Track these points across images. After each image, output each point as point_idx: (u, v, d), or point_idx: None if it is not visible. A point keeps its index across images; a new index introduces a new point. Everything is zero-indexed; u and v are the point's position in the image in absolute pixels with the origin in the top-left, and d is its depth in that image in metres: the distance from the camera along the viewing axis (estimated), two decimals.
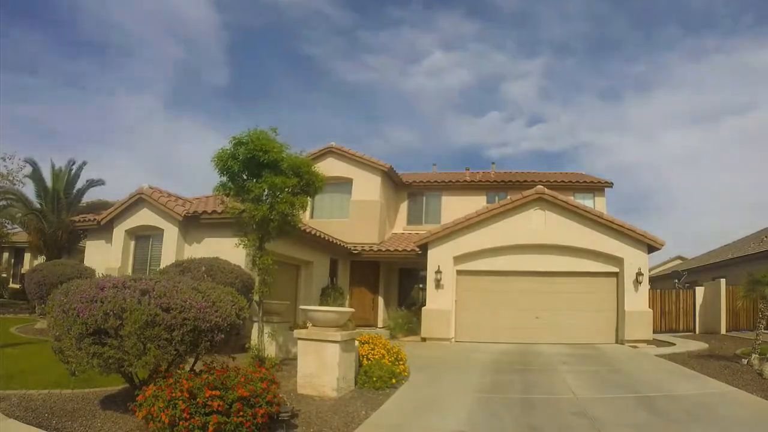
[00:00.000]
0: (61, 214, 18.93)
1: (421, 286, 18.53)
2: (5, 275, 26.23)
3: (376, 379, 7.99)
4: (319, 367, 7.47)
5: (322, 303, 15.40)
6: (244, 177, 9.69)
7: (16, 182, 21.94)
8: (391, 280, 19.86)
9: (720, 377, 9.04)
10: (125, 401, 5.93)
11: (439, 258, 15.26)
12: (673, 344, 14.02)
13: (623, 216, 14.69)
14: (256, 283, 10.42)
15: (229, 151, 9.41)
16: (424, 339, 14.74)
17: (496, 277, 15.07)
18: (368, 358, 8.49)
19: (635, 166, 51.35)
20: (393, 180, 20.22)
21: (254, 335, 9.88)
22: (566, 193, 18.07)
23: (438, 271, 15.10)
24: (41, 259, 20.41)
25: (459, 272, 15.31)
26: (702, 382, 8.76)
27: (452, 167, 28.06)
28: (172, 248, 12.79)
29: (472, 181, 21.04)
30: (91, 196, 21.16)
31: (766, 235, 21.69)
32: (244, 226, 10.11)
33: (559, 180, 20.41)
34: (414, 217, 21.06)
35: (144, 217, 13.53)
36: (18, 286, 23.72)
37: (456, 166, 32.10)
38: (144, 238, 13.85)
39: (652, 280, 22.92)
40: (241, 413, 4.95)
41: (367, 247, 18.02)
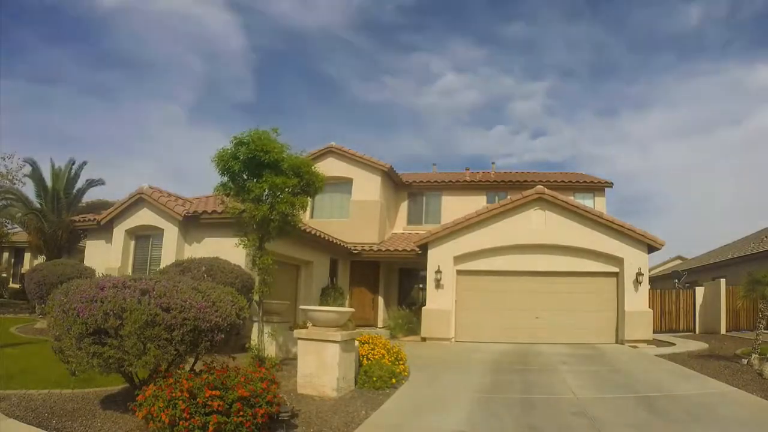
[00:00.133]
0: (61, 213, 18.92)
1: (421, 286, 18.53)
2: (5, 275, 26.23)
3: (376, 379, 7.99)
4: (319, 367, 7.47)
5: (322, 303, 15.40)
6: (245, 177, 9.69)
7: (16, 182, 21.96)
8: (391, 280, 19.86)
9: (720, 377, 9.04)
10: (125, 401, 5.93)
11: (439, 258, 15.26)
12: (673, 344, 14.02)
13: (622, 219, 14.73)
14: (256, 283, 10.42)
15: (230, 151, 9.41)
16: (424, 339, 14.74)
17: (496, 277, 15.07)
18: (368, 358, 8.49)
19: (633, 174, 55.32)
20: (393, 180, 20.22)
21: (254, 335, 9.88)
22: (566, 193, 18.06)
23: (438, 271, 15.10)
24: (41, 259, 20.41)
25: (459, 272, 15.31)
26: (702, 382, 8.76)
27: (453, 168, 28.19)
28: (172, 248, 12.79)
29: (472, 181, 21.04)
30: (91, 195, 21.20)
31: (766, 235, 21.69)
32: (244, 226, 10.12)
33: (559, 180, 20.39)
34: (414, 217, 21.06)
35: (144, 217, 13.53)
36: (18, 286, 23.71)
37: (457, 167, 32.74)
38: (144, 238, 13.84)
39: (652, 280, 22.92)
40: (241, 413, 4.95)
41: (367, 247, 18.02)
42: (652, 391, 7.93)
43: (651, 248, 14.82)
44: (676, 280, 25.42)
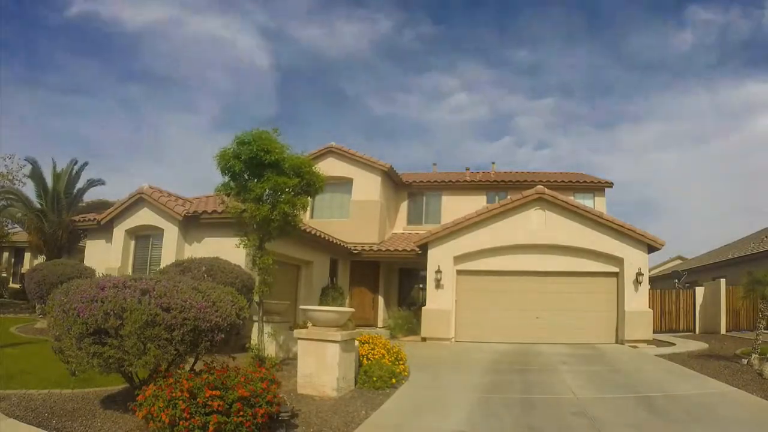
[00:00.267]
0: (62, 213, 18.91)
1: (421, 286, 18.53)
2: (5, 275, 26.23)
3: (376, 379, 7.99)
4: (319, 367, 7.47)
5: (322, 303, 15.40)
6: (246, 177, 9.70)
7: (16, 182, 21.97)
8: (391, 280, 19.86)
9: (720, 377, 9.05)
10: (125, 401, 5.94)
11: (439, 258, 15.26)
12: (673, 344, 14.02)
13: (621, 220, 14.74)
14: (257, 283, 10.42)
15: (231, 150, 9.42)
16: (424, 339, 14.74)
17: (496, 277, 15.07)
18: (368, 358, 8.50)
19: (631, 181, 59.14)
20: (393, 180, 20.21)
21: (254, 335, 9.88)
22: (566, 193, 18.05)
23: (438, 271, 15.10)
24: (41, 259, 20.40)
25: (459, 272, 15.31)
26: (702, 382, 8.77)
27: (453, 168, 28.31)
28: (172, 248, 12.79)
29: (472, 181, 21.04)
30: (91, 195, 21.20)
31: (766, 235, 21.69)
32: (244, 226, 10.12)
33: (559, 180, 20.39)
34: (414, 217, 21.06)
35: (144, 217, 13.52)
36: (18, 286, 23.71)
37: (457, 167, 33.27)
38: (144, 238, 13.84)
39: (652, 280, 22.91)
40: (241, 413, 4.95)
41: (367, 247, 18.01)
42: (652, 391, 7.93)
43: (651, 248, 14.82)
44: (676, 280, 25.42)
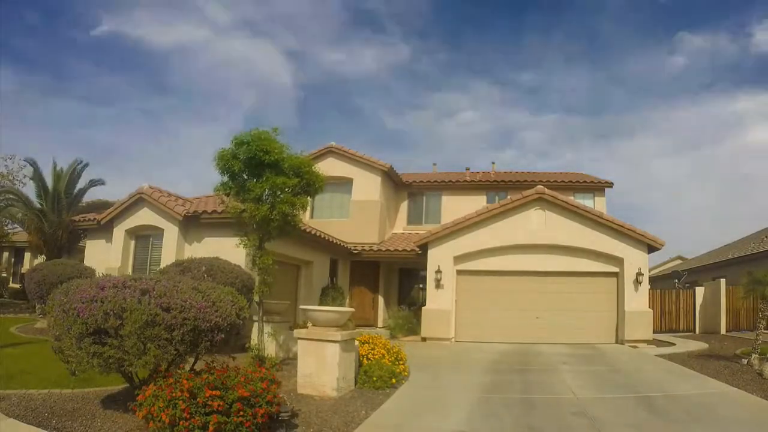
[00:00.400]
0: (62, 213, 18.90)
1: (421, 286, 18.53)
2: (5, 275, 26.22)
3: (376, 379, 7.99)
4: (319, 366, 7.47)
5: (322, 303, 15.40)
6: (245, 177, 9.70)
7: (17, 182, 21.97)
8: (391, 280, 19.86)
9: (720, 377, 9.05)
10: (125, 401, 5.94)
11: (439, 258, 15.26)
12: (673, 344, 14.02)
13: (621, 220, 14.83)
14: (256, 282, 10.42)
15: (230, 150, 9.41)
16: (424, 339, 14.74)
17: (496, 277, 15.07)
18: (368, 358, 8.50)
19: (628, 187, 62.45)
20: (393, 180, 20.21)
21: (254, 335, 9.88)
22: (566, 193, 18.05)
23: (438, 271, 15.10)
24: (41, 259, 20.38)
25: (459, 272, 15.31)
26: (702, 382, 8.77)
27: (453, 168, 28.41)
28: (172, 248, 12.78)
29: (472, 181, 21.03)
30: (91, 195, 21.19)
31: (766, 235, 21.69)
32: (244, 226, 10.12)
33: (559, 180, 20.39)
34: (414, 217, 21.06)
35: (144, 217, 13.52)
36: (18, 286, 23.70)
37: (457, 167, 33.66)
38: (144, 238, 13.84)
39: (652, 280, 22.91)
40: (242, 413, 4.95)
41: (367, 247, 18.01)
42: (652, 391, 7.93)
43: (651, 248, 14.82)
44: (676, 280, 25.43)
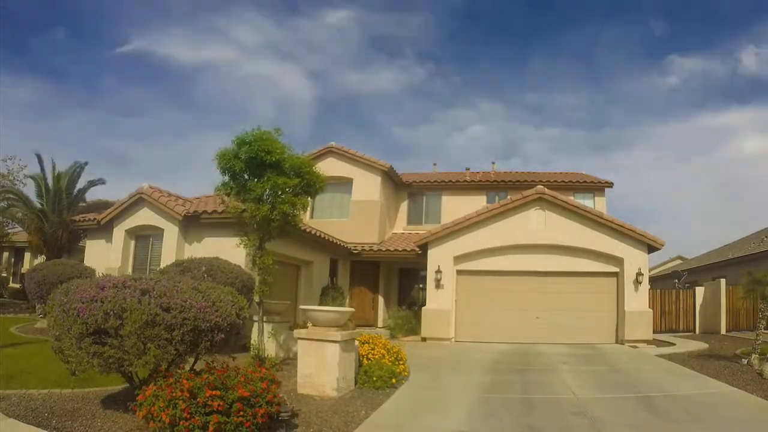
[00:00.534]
0: (62, 213, 18.88)
1: (421, 286, 18.53)
2: (5, 275, 26.22)
3: (376, 379, 7.99)
4: (319, 366, 7.47)
5: (322, 303, 15.40)
6: (246, 177, 9.70)
7: (17, 182, 21.95)
8: (391, 280, 19.86)
9: (720, 377, 9.05)
10: (125, 401, 5.94)
11: (439, 258, 15.26)
12: (673, 344, 14.02)
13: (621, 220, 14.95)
14: (257, 282, 10.42)
15: (232, 150, 9.42)
16: (424, 339, 14.74)
17: (496, 277, 15.07)
18: (368, 358, 8.50)
19: (625, 194, 66.25)
20: (393, 180, 20.21)
21: (254, 335, 9.88)
22: (566, 193, 18.05)
23: (438, 271, 15.10)
24: (41, 259, 20.37)
25: (459, 272, 15.31)
26: (702, 382, 8.77)
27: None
28: (172, 248, 12.79)
29: (472, 181, 21.03)
30: (91, 195, 21.17)
31: (766, 235, 21.68)
32: (244, 226, 10.12)
33: (559, 180, 20.39)
34: (414, 217, 21.05)
35: (144, 217, 13.53)
36: (18, 286, 23.69)
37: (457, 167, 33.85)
38: (144, 238, 13.84)
39: (652, 280, 22.91)
40: (242, 413, 4.95)
41: (367, 247, 18.01)
42: (652, 391, 7.93)
43: (651, 248, 14.82)
44: (676, 280, 25.43)
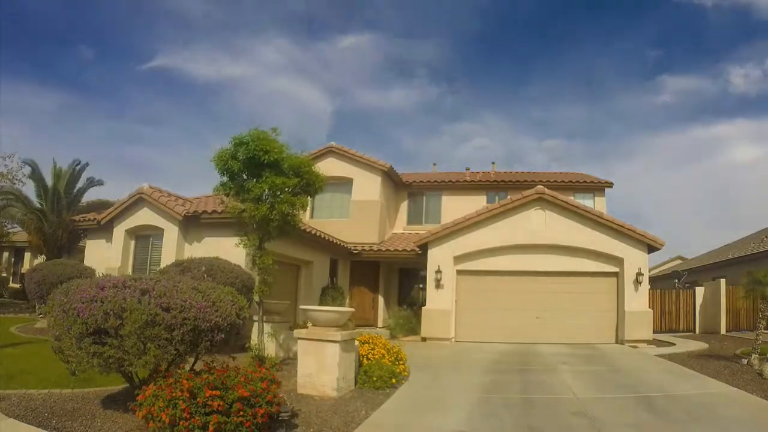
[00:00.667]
0: (62, 213, 18.90)
1: (421, 286, 18.52)
2: (5, 275, 26.21)
3: (376, 379, 7.99)
4: (319, 366, 7.47)
5: (322, 303, 15.40)
6: (245, 177, 9.69)
7: (16, 181, 21.92)
8: (391, 280, 19.86)
9: (720, 377, 9.05)
10: (125, 401, 5.94)
11: (439, 258, 15.26)
12: (673, 344, 14.02)
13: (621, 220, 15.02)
14: (256, 282, 10.42)
15: (229, 150, 9.41)
16: (424, 339, 14.74)
17: (496, 277, 15.07)
18: (368, 358, 8.50)
19: (627, 193, 68.21)
20: (393, 180, 20.21)
21: (254, 335, 9.88)
22: (566, 193, 18.05)
23: (438, 271, 15.10)
24: (41, 259, 20.39)
25: (459, 272, 15.31)
26: (702, 382, 8.76)
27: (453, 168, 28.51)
28: (172, 248, 12.78)
29: (472, 181, 21.03)
30: (91, 195, 21.19)
31: (766, 235, 21.69)
32: (244, 226, 10.12)
33: (559, 180, 20.38)
34: (414, 217, 21.05)
35: (144, 217, 13.52)
36: (18, 286, 23.69)
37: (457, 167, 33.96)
38: (144, 238, 13.84)
39: (652, 280, 22.92)
40: (242, 413, 4.95)
41: (367, 247, 18.01)
42: (652, 391, 7.93)
43: (651, 248, 14.82)
44: (676, 280, 25.44)
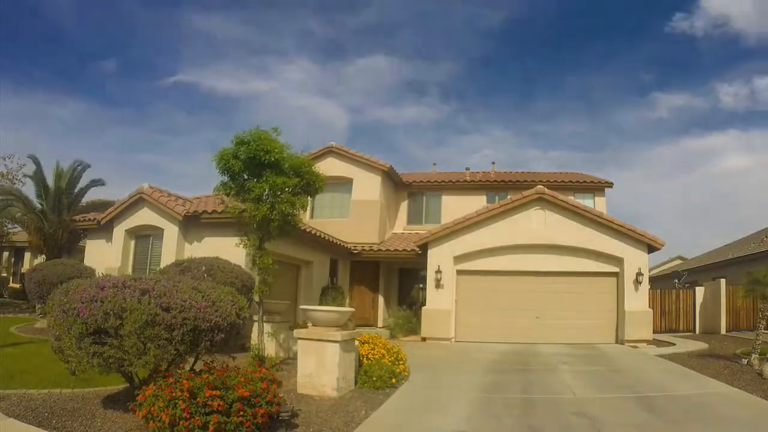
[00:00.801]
0: (62, 213, 18.87)
1: (421, 285, 18.53)
2: (5, 275, 26.22)
3: (376, 379, 7.99)
4: (319, 366, 7.47)
5: (322, 303, 15.40)
6: (245, 176, 9.69)
7: (16, 181, 21.92)
8: (391, 280, 19.86)
9: (720, 377, 9.05)
10: (125, 401, 5.94)
11: (439, 258, 15.26)
12: (673, 344, 14.02)
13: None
14: (256, 282, 10.42)
15: (230, 150, 9.41)
16: (424, 339, 14.74)
17: (496, 277, 15.07)
18: (368, 358, 8.50)
19: (621, 204, 70.23)
20: (393, 180, 20.21)
21: (254, 335, 9.88)
22: (566, 193, 18.06)
23: (438, 271, 15.10)
24: (41, 259, 20.38)
25: (459, 272, 15.31)
26: (702, 382, 8.77)
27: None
28: (172, 248, 12.78)
29: (472, 181, 21.03)
30: (91, 195, 21.16)
31: (766, 235, 21.69)
32: (244, 226, 10.12)
33: (559, 180, 20.39)
34: (414, 217, 21.05)
35: (144, 217, 13.52)
36: (18, 286, 23.68)
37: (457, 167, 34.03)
38: (144, 238, 13.84)
39: (652, 280, 22.91)
40: (242, 413, 4.95)
41: (367, 247, 18.01)
42: (652, 391, 7.94)
43: (651, 248, 14.82)
44: (676, 280, 25.45)
